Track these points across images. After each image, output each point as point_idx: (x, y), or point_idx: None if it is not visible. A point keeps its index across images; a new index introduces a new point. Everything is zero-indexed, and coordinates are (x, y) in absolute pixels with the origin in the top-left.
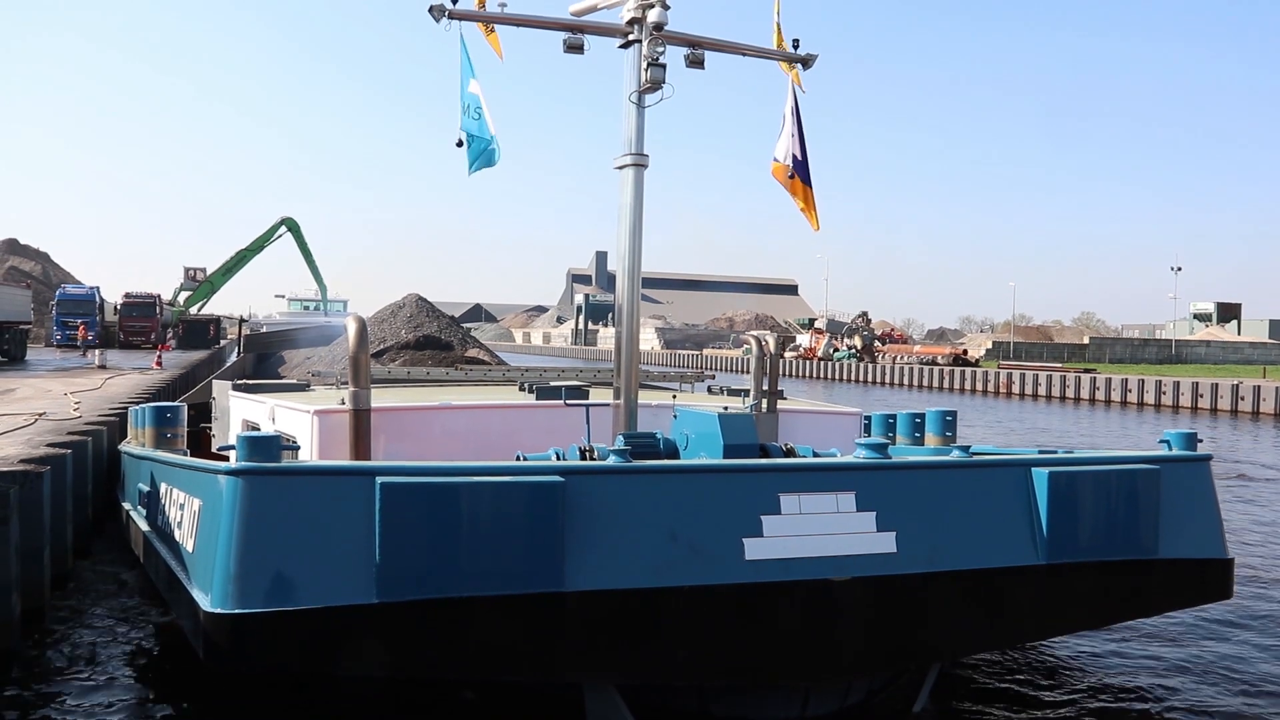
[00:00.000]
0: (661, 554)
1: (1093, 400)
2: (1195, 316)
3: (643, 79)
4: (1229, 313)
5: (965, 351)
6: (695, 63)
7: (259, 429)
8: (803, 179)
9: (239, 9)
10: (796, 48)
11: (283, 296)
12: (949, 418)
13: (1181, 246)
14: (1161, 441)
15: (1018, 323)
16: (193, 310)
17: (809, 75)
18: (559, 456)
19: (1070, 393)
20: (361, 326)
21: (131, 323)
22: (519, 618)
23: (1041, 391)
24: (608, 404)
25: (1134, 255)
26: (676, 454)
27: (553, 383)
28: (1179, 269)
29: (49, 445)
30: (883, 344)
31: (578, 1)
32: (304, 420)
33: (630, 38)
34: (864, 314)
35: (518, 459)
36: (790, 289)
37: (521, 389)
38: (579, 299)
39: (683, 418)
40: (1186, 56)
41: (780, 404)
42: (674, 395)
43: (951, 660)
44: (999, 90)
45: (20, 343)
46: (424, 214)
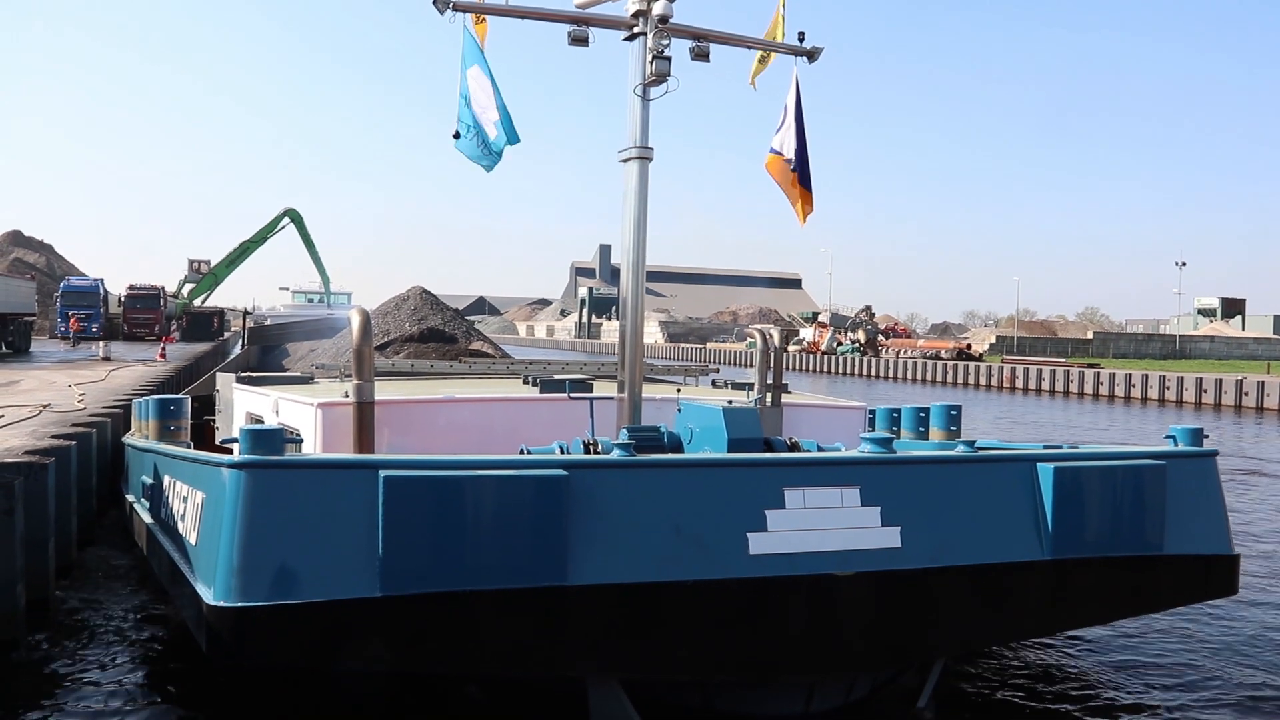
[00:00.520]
0: (665, 548)
1: (1096, 395)
2: (1199, 312)
3: (647, 72)
4: (1233, 308)
5: (969, 346)
6: (700, 56)
7: (263, 422)
8: (800, 173)
9: (244, 3)
10: (802, 41)
11: (287, 289)
12: (954, 412)
13: (1186, 242)
14: (1168, 437)
15: (1022, 317)
16: (196, 302)
17: (815, 69)
18: (563, 450)
19: (1074, 388)
20: (365, 319)
21: (135, 315)
22: (522, 612)
23: (1045, 386)
24: (612, 397)
25: (1138, 250)
26: (680, 448)
27: (557, 376)
28: (1183, 264)
29: (53, 437)
30: (886, 338)
31: None
32: (308, 413)
33: (635, 30)
34: (868, 308)
35: (521, 452)
36: (794, 283)
37: (525, 382)
38: (582, 292)
39: (687, 411)
40: (1192, 54)
41: (785, 398)
42: (678, 389)
43: (956, 656)
44: (1004, 86)
45: (25, 334)
46: (428, 207)
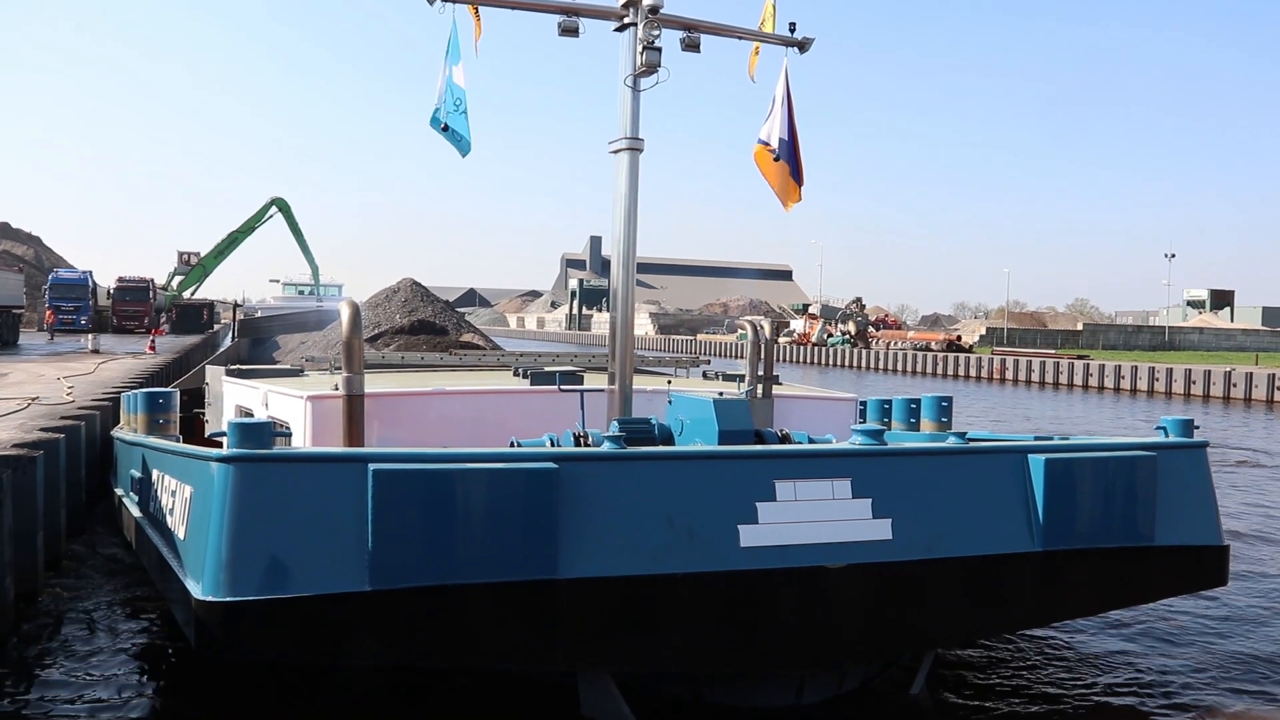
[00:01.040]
0: (656, 541)
1: (1086, 386)
2: (1189, 303)
3: (638, 63)
4: (1222, 300)
5: (959, 337)
6: (691, 46)
7: (252, 415)
8: (788, 161)
9: None
10: (793, 31)
11: (277, 281)
12: (944, 403)
13: (1175, 233)
14: (1158, 428)
15: (1012, 309)
16: (186, 294)
17: (805, 60)
18: (553, 442)
19: (1064, 379)
20: (355, 311)
21: (125, 307)
22: (512, 605)
23: (1035, 378)
24: (602, 389)
25: (1128, 242)
26: (671, 440)
27: (547, 368)
28: (1173, 256)
29: (42, 430)
30: (877, 329)
31: None
32: (297, 406)
33: (626, 21)
34: (858, 299)
35: (512, 445)
36: (785, 274)
37: (516, 374)
38: (573, 284)
39: (678, 403)
40: (1182, 44)
41: (776, 389)
42: (669, 380)
43: (947, 648)
44: (994, 77)
45: (13, 327)
46: (417, 199)
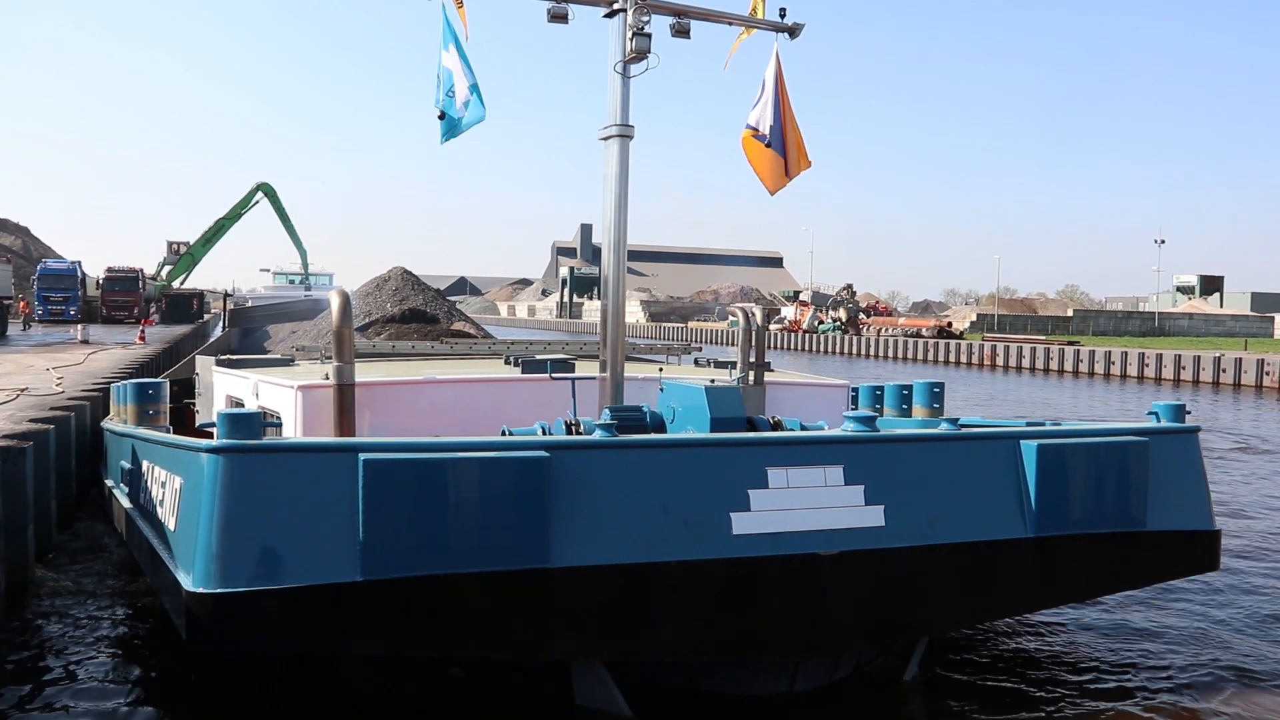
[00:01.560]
0: (648, 529)
1: (1076, 372)
2: (1178, 289)
3: (628, 49)
4: (1212, 286)
5: (950, 324)
6: (681, 32)
7: (243, 405)
8: (776, 147)
9: None
10: (783, 17)
11: (268, 270)
12: (936, 389)
13: (1165, 220)
14: (1150, 413)
15: (1002, 295)
16: (175, 284)
17: (796, 45)
18: (545, 431)
19: (1054, 365)
20: (345, 300)
21: (114, 297)
22: (504, 594)
23: (1025, 364)
24: (594, 377)
25: (1118, 228)
26: (663, 427)
27: (538, 356)
28: (1162, 242)
29: (31, 420)
30: (867, 316)
31: None
32: (288, 396)
33: (615, 7)
34: (849, 286)
35: (503, 433)
36: (775, 261)
37: (507, 362)
38: (564, 272)
39: (669, 391)
40: (1173, 32)
41: (767, 376)
42: (660, 368)
43: (940, 634)
44: (986, 64)
45: (1, 318)
46: (407, 187)
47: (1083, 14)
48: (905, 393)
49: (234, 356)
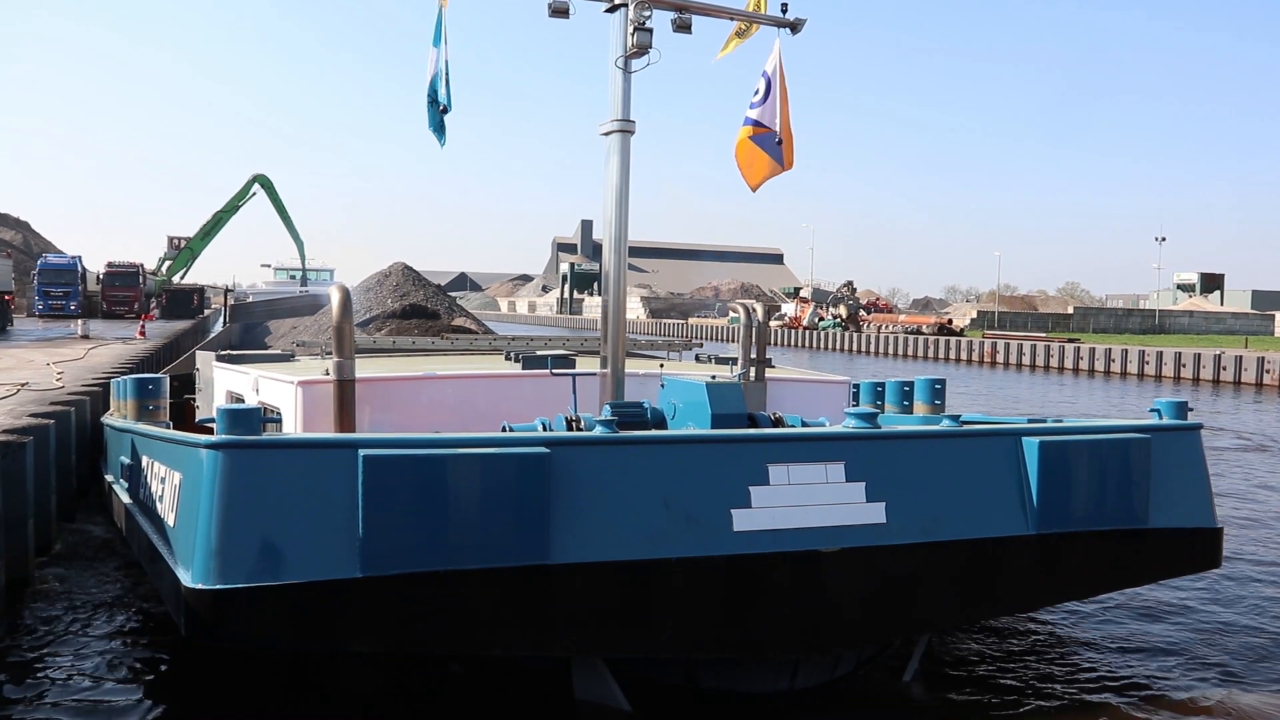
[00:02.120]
0: (649, 525)
1: (1076, 370)
2: (1179, 287)
3: (629, 44)
4: (1212, 283)
5: (950, 321)
6: (682, 27)
7: (243, 400)
8: (768, 148)
9: None
10: (785, 12)
11: (269, 265)
12: (938, 386)
13: (1166, 217)
14: (1152, 410)
15: (1003, 292)
16: (175, 279)
17: (797, 40)
18: (545, 427)
19: (1054, 362)
20: (345, 296)
21: (114, 292)
22: (504, 591)
23: (1026, 361)
24: (594, 373)
25: (1119, 226)
26: (664, 423)
27: (539, 352)
28: (1163, 239)
29: (31, 415)
30: (868, 313)
31: None
32: (288, 391)
33: (616, 2)
34: (849, 283)
35: (503, 429)
36: (776, 258)
37: (508, 358)
38: (564, 268)
39: (670, 387)
40: (1172, 28)
41: (768, 373)
42: (661, 364)
43: (941, 631)
44: (986, 61)
45: (2, 313)
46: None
47: (1084, 11)
48: (906, 389)
49: (234, 352)
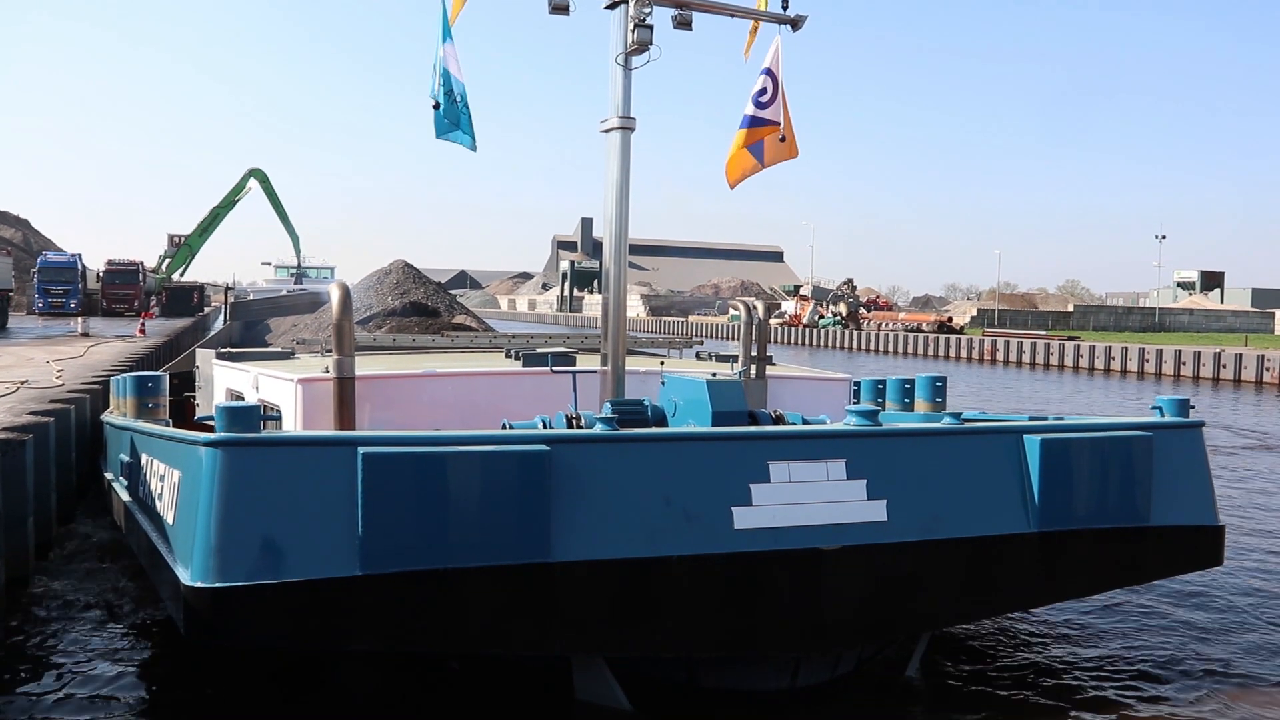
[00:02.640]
0: (650, 523)
1: (1076, 368)
2: (1179, 285)
3: (629, 41)
4: (1212, 281)
5: (950, 319)
6: (683, 24)
7: (243, 398)
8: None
9: None
10: (785, 8)
11: (269, 263)
12: (939, 383)
13: (1166, 215)
14: (1154, 408)
15: (1003, 290)
16: (175, 276)
17: (797, 37)
18: (545, 424)
19: (1054, 360)
20: (345, 293)
21: (114, 290)
22: (504, 589)
23: (1026, 359)
24: (595, 370)
25: (1119, 224)
26: (664, 421)
27: (539, 349)
28: (1163, 237)
29: (31, 413)
30: (868, 311)
31: None
32: (287, 389)
33: None
34: (849, 281)
35: (504, 427)
36: (776, 256)
37: (508, 356)
38: (564, 266)
39: (671, 384)
40: (1172, 26)
41: (769, 370)
42: (662, 361)
43: (942, 629)
44: (986, 58)
45: (2, 310)
46: (408, 180)
47: (1083, 9)
48: (908, 387)
49: (234, 350)
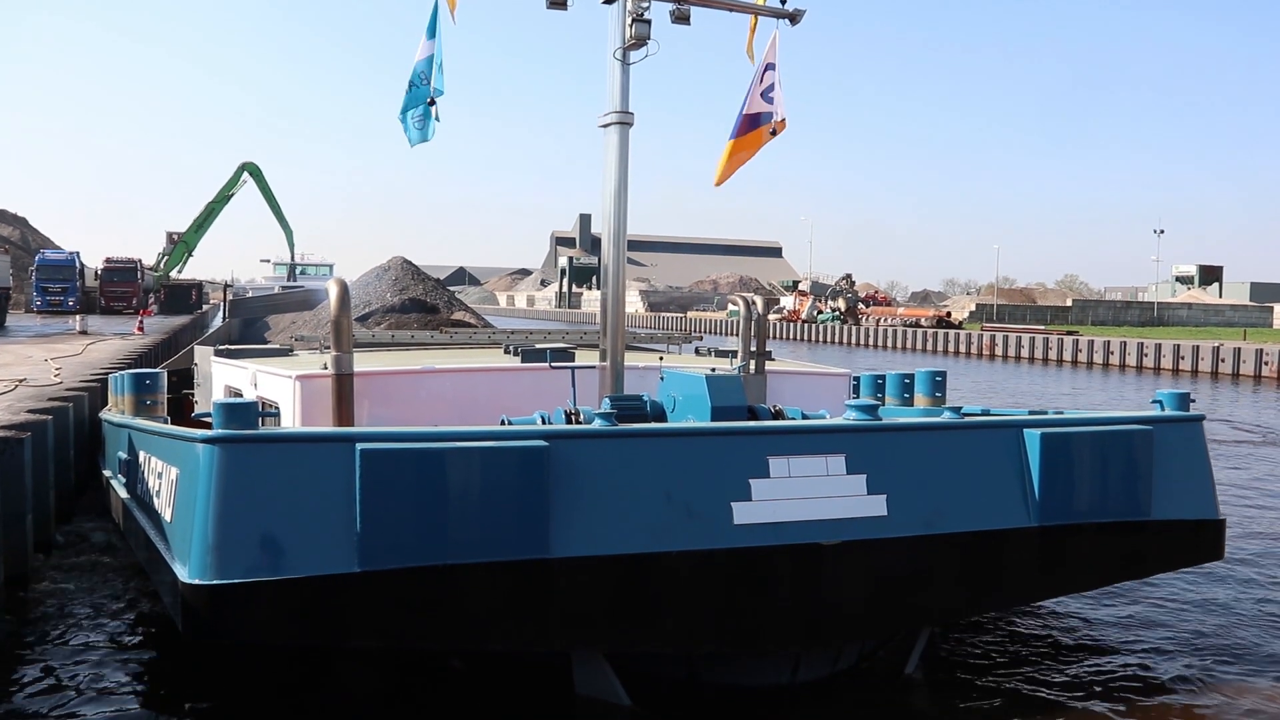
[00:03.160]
0: (649, 519)
1: (1075, 362)
2: (1177, 279)
3: (627, 35)
4: (1210, 275)
5: (949, 314)
6: (681, 19)
7: (241, 395)
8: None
9: None
10: (784, 3)
11: (268, 260)
12: (938, 378)
13: (1164, 210)
14: (1154, 401)
15: (1001, 285)
16: (173, 273)
17: (796, 32)
18: (544, 420)
19: (1053, 355)
20: (343, 290)
21: (112, 288)
22: (504, 585)
23: (1024, 354)
24: (594, 366)
25: (1118, 218)
26: (663, 416)
27: (538, 345)
28: (1161, 232)
29: (29, 411)
30: (866, 306)
31: None
32: (286, 386)
33: None
34: (848, 276)
35: (502, 423)
36: (774, 251)
37: (507, 352)
38: (563, 262)
39: (670, 380)
40: (1171, 22)
41: (768, 365)
42: (661, 357)
43: (943, 624)
44: (985, 53)
45: (0, 308)
46: (406, 177)
47: (1083, 4)
48: (907, 382)
49: (232, 347)
